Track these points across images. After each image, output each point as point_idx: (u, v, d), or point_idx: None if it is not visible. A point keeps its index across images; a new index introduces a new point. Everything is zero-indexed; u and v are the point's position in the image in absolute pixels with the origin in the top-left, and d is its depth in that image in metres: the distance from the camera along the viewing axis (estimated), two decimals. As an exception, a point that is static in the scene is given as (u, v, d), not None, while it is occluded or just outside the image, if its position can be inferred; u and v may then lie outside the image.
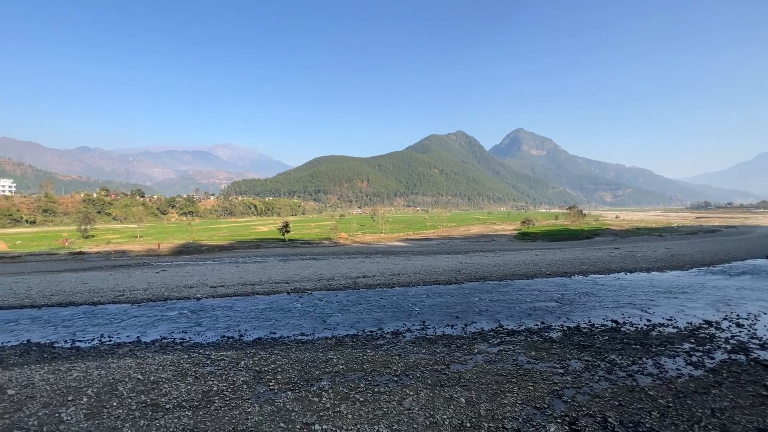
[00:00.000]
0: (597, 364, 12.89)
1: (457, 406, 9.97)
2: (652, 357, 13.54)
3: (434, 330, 17.32)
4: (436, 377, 11.87)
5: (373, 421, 9.15)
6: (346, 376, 11.94)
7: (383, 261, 41.82)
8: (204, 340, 16.29)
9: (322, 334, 17.04)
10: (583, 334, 16.43)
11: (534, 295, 24.12)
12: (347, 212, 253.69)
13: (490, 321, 18.65)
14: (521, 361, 13.29)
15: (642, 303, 21.89)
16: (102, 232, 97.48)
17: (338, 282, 28.87)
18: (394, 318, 19.38)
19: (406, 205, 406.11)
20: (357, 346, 15.08)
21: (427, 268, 35.48)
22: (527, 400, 10.30)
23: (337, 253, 52.85)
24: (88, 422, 8.96)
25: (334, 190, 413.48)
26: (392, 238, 79.40)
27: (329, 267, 37.16)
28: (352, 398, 10.38)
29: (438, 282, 28.71)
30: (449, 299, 23.40)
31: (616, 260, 39.53)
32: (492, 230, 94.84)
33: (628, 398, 10.39)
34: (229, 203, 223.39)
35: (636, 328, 17.11)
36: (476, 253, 49.26)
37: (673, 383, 11.33)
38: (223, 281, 29.78)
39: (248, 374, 12.02)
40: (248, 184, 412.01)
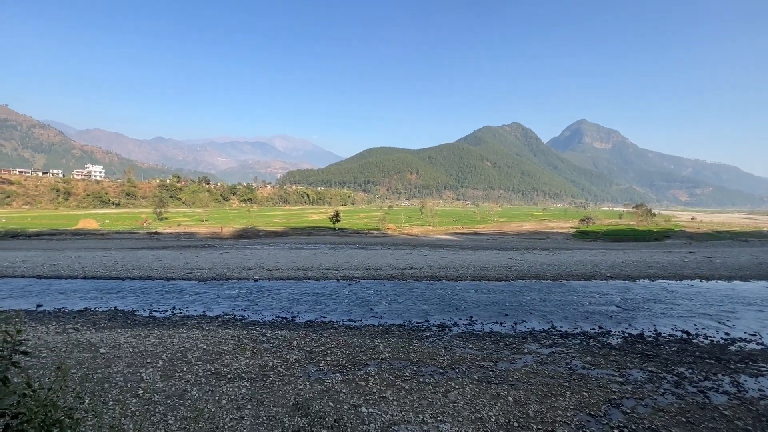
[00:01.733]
0: (662, 376, 11.89)
1: (504, 404, 9.77)
2: (730, 374, 12.19)
3: (482, 326, 17.00)
4: (483, 373, 11.70)
5: (418, 410, 9.27)
6: (392, 364, 12.18)
7: (431, 254, 41.63)
8: (261, 319, 17.46)
9: (370, 321, 17.46)
10: (647, 342, 15.20)
11: (592, 298, 22.68)
12: (396, 204, 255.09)
13: (542, 321, 17.89)
14: (575, 365, 12.64)
15: (720, 314, 19.69)
16: (173, 215, 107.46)
17: (386, 272, 29.28)
18: (441, 311, 19.31)
19: (456, 199, 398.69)
20: (403, 336, 15.28)
21: (475, 263, 34.74)
22: (581, 406, 9.80)
23: (385, 243, 53.53)
24: (163, 383, 10.06)
25: (384, 182, 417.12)
26: (440, 231, 78.55)
27: (377, 257, 37.76)
28: (397, 386, 10.59)
29: (487, 278, 28.02)
30: (498, 296, 22.78)
31: (689, 265, 35.79)
32: (547, 227, 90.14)
33: (699, 416, 9.49)
34: (284, 192, 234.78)
35: (711, 341, 15.47)
36: (529, 251, 47.22)
37: (754, 404, 10.14)
38: (278, 265, 31.52)
39: (300, 353, 12.71)
40: (302, 174, 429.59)
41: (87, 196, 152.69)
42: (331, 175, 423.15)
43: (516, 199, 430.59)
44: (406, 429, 8.41)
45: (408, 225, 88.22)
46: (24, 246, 48.49)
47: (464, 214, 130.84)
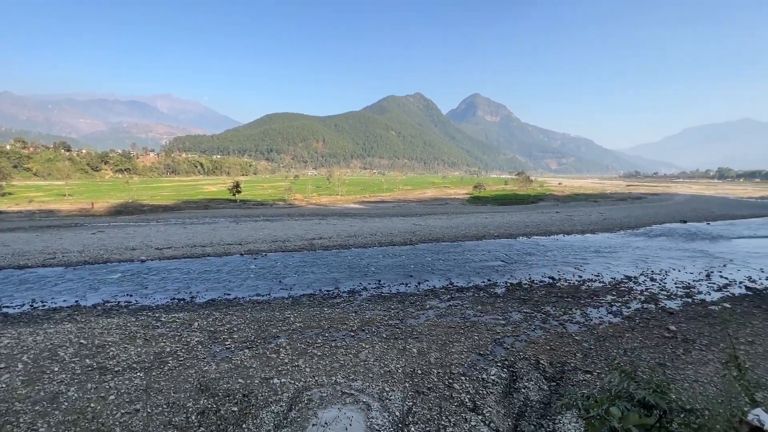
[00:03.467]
0: (534, 315, 14.31)
1: (410, 356, 10.71)
2: (581, 308, 15.27)
3: (389, 288, 18.02)
4: (391, 331, 12.55)
5: (330, 373, 9.59)
6: (303, 333, 12.23)
7: (339, 223, 41.87)
8: (152, 303, 15.68)
9: (279, 294, 17.08)
10: (524, 289, 18.00)
11: (482, 255, 25.70)
12: (302, 173, 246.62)
13: (442, 279, 19.73)
14: (469, 314, 14.38)
15: (575, 261, 24.21)
16: (21, 189, 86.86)
17: (294, 243, 28.64)
18: (351, 278, 19.83)
19: (363, 168, 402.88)
20: (314, 305, 15.37)
21: (383, 229, 36.14)
22: (472, 348, 11.29)
23: (292, 214, 51.93)
24: (27, 388, 8.49)
25: (288, 150, 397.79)
26: (348, 200, 79.17)
27: (284, 228, 36.56)
28: (309, 353, 10.74)
29: (393, 243, 29.48)
30: (404, 259, 24.25)
31: (556, 223, 42.81)
32: (446, 194, 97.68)
33: (558, 343, 11.77)
34: (172, 161, 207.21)
35: (569, 284, 19.02)
36: (430, 216, 50.82)
37: (595, 329, 12.95)
38: (169, 243, 28.30)
39: (203, 335, 11.90)
40: (193, 140, 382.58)
41: None
42: (228, 142, 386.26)
43: (419, 168, 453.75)
44: (320, 391, 8.66)
45: (316, 195, 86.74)
46: None
47: (371, 183, 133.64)
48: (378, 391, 8.82)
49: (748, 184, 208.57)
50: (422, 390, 8.94)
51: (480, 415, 8.03)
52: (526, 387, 9.13)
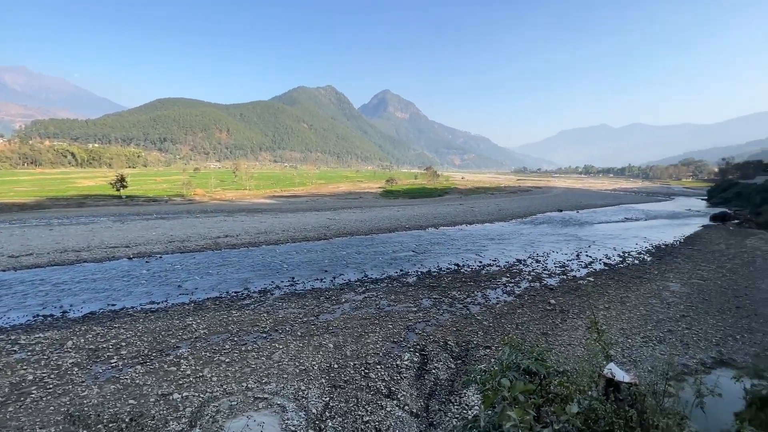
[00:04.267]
0: (442, 300, 15.40)
1: (326, 351, 10.63)
2: (481, 290, 16.90)
3: (304, 285, 17.59)
4: (306, 328, 12.29)
5: (240, 379, 9.01)
6: (209, 340, 11.25)
7: (248, 219, 39.36)
8: (6, 324, 12.76)
9: (178, 300, 15.38)
10: (433, 277, 19.21)
11: (395, 247, 26.68)
12: (203, 166, 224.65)
13: (357, 272, 19.96)
14: (383, 305, 14.83)
15: (476, 248, 26.67)
16: None
17: (195, 243, 26.06)
18: (262, 276, 18.83)
19: (273, 161, 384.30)
20: (221, 309, 14.22)
21: (296, 225, 35.07)
22: (387, 337, 11.69)
23: (192, 211, 47.06)
24: None
25: (186, 140, 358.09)
26: (258, 195, 74.81)
27: (183, 227, 33.01)
28: (216, 361, 9.93)
29: (307, 238, 28.82)
30: (318, 254, 23.90)
31: (460, 214, 46.57)
32: (359, 188, 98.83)
33: (463, 324, 12.86)
34: (31, 149, 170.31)
35: (471, 269, 20.88)
36: (345, 210, 50.92)
37: (493, 308, 14.46)
38: (29, 249, 23.34)
39: (80, 354, 10.13)
40: (60, 125, 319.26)
41: None
42: (109, 129, 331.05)
43: (332, 162, 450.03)
44: (228, 401, 8.08)
45: (221, 189, 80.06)
46: None
47: (283, 177, 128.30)
48: (293, 391, 8.58)
49: (605, 178, 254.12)
50: (339, 384, 8.96)
51: (395, 400, 8.37)
52: (436, 368, 9.80)
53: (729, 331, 12.53)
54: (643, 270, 20.95)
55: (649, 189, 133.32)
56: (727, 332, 12.46)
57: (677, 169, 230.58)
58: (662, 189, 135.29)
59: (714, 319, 13.68)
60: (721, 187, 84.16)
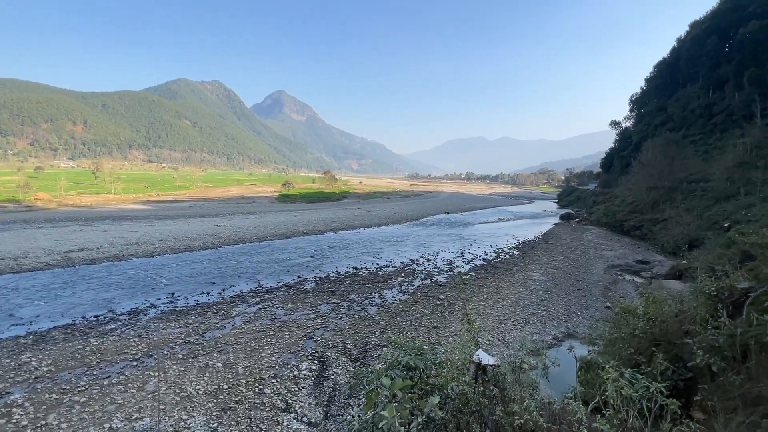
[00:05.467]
0: (341, 304, 15.44)
1: (213, 371, 9.67)
2: (379, 291, 17.48)
3: (186, 300, 15.71)
4: (189, 349, 10.98)
5: (101, 420, 7.57)
6: (55, 379, 9.17)
7: (114, 228, 33.46)
8: None
9: (8, 333, 12.18)
10: (331, 281, 19.14)
11: (292, 253, 25.81)
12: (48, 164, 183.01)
13: (250, 282, 18.69)
14: (279, 314, 14.17)
15: (374, 251, 27.53)
16: None
17: (36, 260, 21.07)
18: (132, 295, 16.19)
19: (148, 161, 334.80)
20: (74, 338, 11.73)
21: (176, 233, 31.18)
22: (284, 348, 11.20)
23: (31, 220, 37.84)
24: None
25: (22, 132, 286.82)
26: (127, 200, 64.18)
27: (18, 241, 26.36)
28: (67, 403, 8.15)
29: (191, 248, 25.89)
30: (204, 266, 21.66)
31: (358, 218, 47.51)
32: (253, 192, 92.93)
33: (361, 326, 13.10)
34: None
35: (369, 271, 21.45)
36: (236, 215, 47.26)
37: (390, 308, 15.09)
38: None
39: None
40: None
41: None
42: None
43: (221, 164, 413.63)
44: (85, 450, 6.71)
45: (75, 193, 66.39)
46: None
47: (161, 179, 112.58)
48: (173, 423, 7.56)
49: (483, 184, 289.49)
50: (229, 405, 8.23)
51: (292, 413, 8.06)
52: (335, 373, 9.75)
53: (573, 309, 15.43)
54: (512, 263, 24.37)
55: (516, 193, 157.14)
56: (572, 310, 15.31)
57: (536, 176, 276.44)
58: (526, 193, 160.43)
59: (563, 300, 16.67)
60: (566, 192, 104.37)
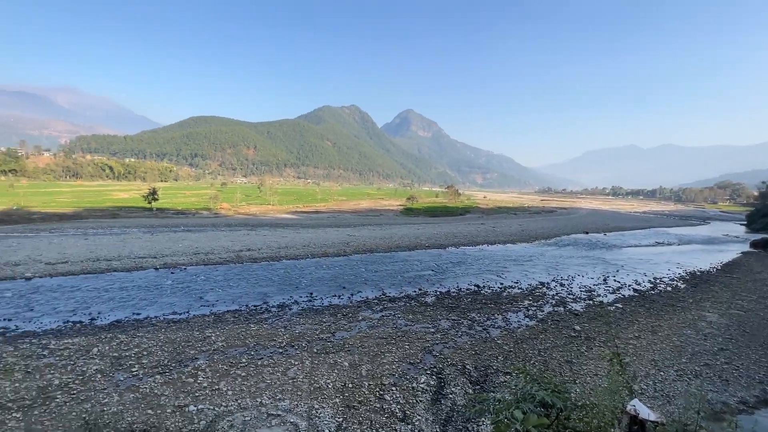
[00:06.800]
0: (461, 322, 15.02)
1: (341, 369, 10.50)
2: (502, 313, 16.40)
3: (321, 301, 17.62)
4: (322, 345, 12.22)
5: (255, 394, 9.00)
6: (226, 353, 11.35)
7: (270, 234, 40.12)
8: (38, 328, 13.36)
9: (199, 311, 15.70)
10: (452, 297, 18.84)
11: (414, 265, 26.44)
12: (230, 181, 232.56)
13: (375, 290, 19.84)
14: (400, 324, 14.61)
15: (498, 269, 26.06)
16: None
17: (218, 256, 26.70)
18: (281, 291, 19.01)
19: (297, 177, 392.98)
20: (239, 322, 14.39)
21: (316, 240, 35.43)
22: (403, 358, 11.45)
23: (217, 224, 48.46)
24: None
25: (215, 156, 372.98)
26: (281, 210, 76.40)
27: (208, 240, 33.96)
28: (232, 374, 9.98)
29: (327, 254, 29.02)
30: (337, 271, 23.96)
31: (481, 234, 45.85)
32: (380, 205, 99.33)
33: (482, 347, 12.46)
34: (74, 163, 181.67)
35: (492, 291, 20.36)
36: (365, 227, 51.13)
37: (514, 333, 13.97)
38: (65, 257, 24.54)
39: (104, 361, 10.42)
40: (101, 141, 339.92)
41: None
42: (145, 145, 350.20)
43: (354, 179, 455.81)
44: (242, 416, 8.06)
45: (245, 204, 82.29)
46: None
47: (305, 193, 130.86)
48: (307, 409, 8.48)
49: (634, 200, 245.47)
50: (353, 404, 8.80)
51: (410, 425, 8.12)
52: (453, 392, 9.48)
53: (774, 368, 11.58)
54: (676, 298, 19.82)
55: (682, 212, 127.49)
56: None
57: (713, 191, 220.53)
58: (696, 212, 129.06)
59: (757, 354, 12.69)
60: (762, 211, 79.37)
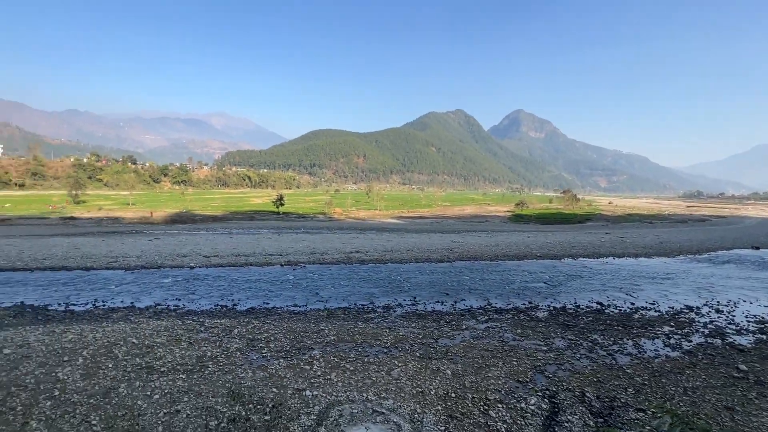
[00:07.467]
0: (579, 343, 13.36)
1: (444, 377, 10.36)
2: (633, 338, 14.05)
3: (424, 306, 17.71)
4: (425, 350, 12.26)
5: (362, 389, 9.50)
6: (337, 347, 12.27)
7: (377, 237, 42.12)
8: (198, 308, 16.53)
9: (315, 306, 17.35)
10: (568, 314, 16.93)
11: (523, 276, 24.61)
12: (342, 187, 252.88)
13: (479, 299, 19.09)
14: (507, 337, 13.73)
15: (627, 287, 22.46)
16: (93, 198, 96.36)
17: (331, 256, 29.13)
18: (386, 293, 19.74)
19: (402, 183, 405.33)
20: (348, 319, 15.43)
21: (420, 245, 35.85)
22: (510, 374, 10.72)
23: (331, 227, 53.05)
24: (85, 381, 9.19)
25: (330, 165, 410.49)
26: (387, 215, 79.68)
27: (323, 241, 37.37)
28: (342, 367, 10.72)
29: (430, 260, 29.09)
30: (440, 277, 23.80)
31: (605, 245, 40.19)
32: (486, 211, 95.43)
33: (607, 375, 10.86)
34: (223, 174, 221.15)
35: (619, 311, 17.64)
36: (469, 233, 49.75)
37: (650, 363, 11.82)
38: (216, 251, 29.88)
39: (241, 342, 12.30)
40: (242, 155, 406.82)
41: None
42: (274, 157, 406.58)
43: (459, 184, 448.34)
44: (350, 408, 8.59)
45: (355, 209, 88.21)
46: None
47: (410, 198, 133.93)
48: (410, 411, 8.59)
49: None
50: (456, 415, 8.58)
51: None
52: (570, 421, 8.48)
53: None
54: None
55: None
56: None
57: None
58: None
59: None
60: None
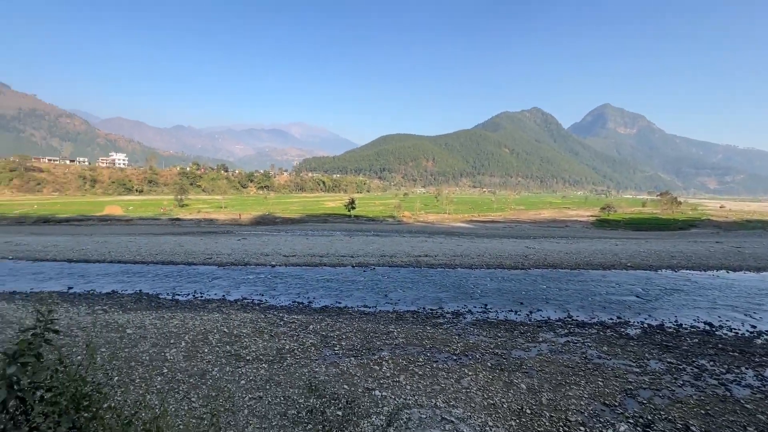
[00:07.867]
0: (682, 368, 11.65)
1: (518, 391, 9.79)
2: (754, 367, 11.84)
3: (496, 314, 16.96)
4: (496, 360, 11.72)
5: (431, 395, 9.40)
6: (405, 349, 12.33)
7: (446, 241, 41.48)
8: (278, 303, 17.89)
9: (384, 307, 17.66)
10: (667, 333, 14.87)
11: (610, 288, 22.25)
12: (411, 191, 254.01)
13: (558, 310, 17.71)
14: (591, 354, 12.51)
15: (745, 306, 19.03)
16: (194, 201, 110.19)
17: (400, 259, 29.39)
18: (455, 298, 19.33)
19: (472, 186, 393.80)
20: (417, 322, 15.41)
21: (491, 251, 34.46)
22: (595, 395, 9.74)
23: (400, 231, 53.61)
24: (186, 363, 10.50)
25: (399, 169, 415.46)
26: (456, 219, 78.03)
27: (392, 244, 37.90)
28: (411, 370, 10.74)
29: (502, 266, 27.79)
30: (514, 284, 22.60)
31: (716, 256, 34.54)
32: (565, 215, 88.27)
33: (719, 408, 9.29)
34: (300, 179, 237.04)
35: (735, 334, 15.01)
36: (546, 239, 46.47)
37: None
38: (294, 251, 32.05)
39: (316, 337, 13.01)
40: (318, 162, 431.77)
41: (112, 183, 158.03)
42: (346, 163, 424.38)
43: (534, 187, 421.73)
44: (419, 412, 8.55)
45: (423, 212, 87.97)
46: (55, 231, 50.78)
47: (481, 202, 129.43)
48: (480, 423, 8.28)
49: None
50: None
51: (603, 478, 6.83)
52: (669, 456, 7.43)
53: None
54: None
55: None
56: None
57: None
58: None
59: None
60: None
